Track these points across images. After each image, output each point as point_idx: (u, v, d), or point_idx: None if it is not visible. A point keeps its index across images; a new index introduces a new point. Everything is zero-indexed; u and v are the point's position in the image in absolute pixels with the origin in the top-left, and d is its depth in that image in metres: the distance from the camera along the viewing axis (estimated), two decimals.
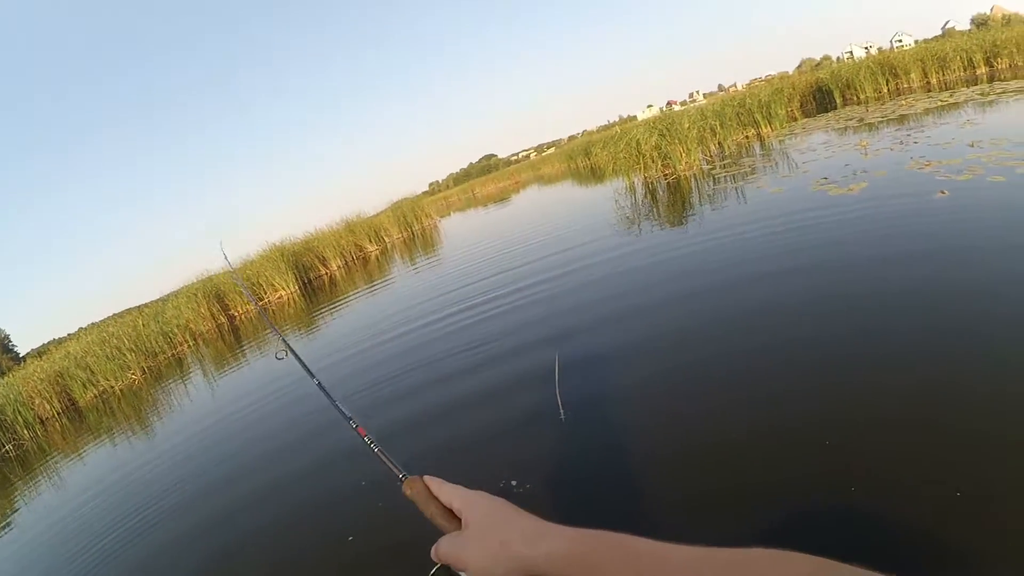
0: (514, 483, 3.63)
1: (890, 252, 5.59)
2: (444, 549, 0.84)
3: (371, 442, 1.20)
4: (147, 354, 16.97)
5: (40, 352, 23.20)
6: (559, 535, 0.75)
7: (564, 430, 4.16)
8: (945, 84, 22.65)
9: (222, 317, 20.55)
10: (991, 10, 77.57)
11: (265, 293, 21.33)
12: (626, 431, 4.00)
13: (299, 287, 21.86)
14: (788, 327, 4.68)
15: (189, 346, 18.35)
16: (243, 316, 20.59)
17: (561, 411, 4.37)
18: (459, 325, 7.90)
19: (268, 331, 15.01)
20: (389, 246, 27.65)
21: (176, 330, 18.60)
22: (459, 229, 26.12)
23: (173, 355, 17.60)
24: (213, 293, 20.70)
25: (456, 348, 6.85)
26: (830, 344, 4.22)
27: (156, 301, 23.94)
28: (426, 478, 0.97)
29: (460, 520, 0.87)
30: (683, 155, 16.88)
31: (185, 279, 24.37)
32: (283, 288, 21.42)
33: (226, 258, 3.21)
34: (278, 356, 1.98)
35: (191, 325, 19.24)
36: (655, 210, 12.30)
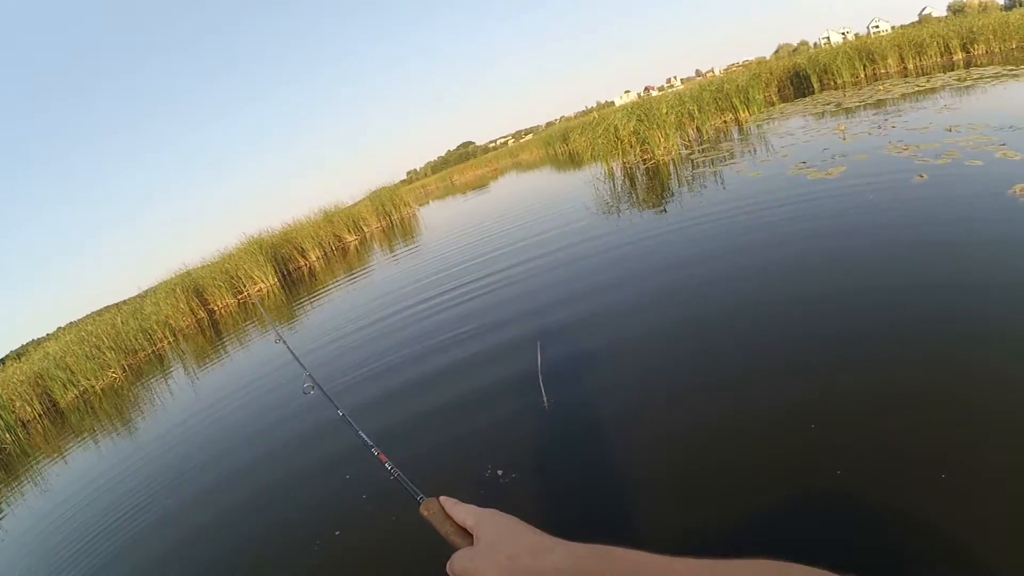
0: (500, 472, 3.62)
1: (869, 235, 5.64)
2: (457, 564, 0.85)
3: (391, 468, 1.25)
4: (127, 352, 16.77)
5: (19, 354, 22.95)
6: (565, 550, 0.75)
7: (548, 418, 4.18)
8: (922, 69, 22.75)
9: (202, 312, 20.35)
10: None
11: (244, 286, 21.22)
12: (610, 417, 4.01)
13: (278, 279, 21.73)
14: (771, 310, 4.72)
15: (169, 342, 18.16)
16: (223, 310, 20.45)
17: (544, 399, 4.37)
18: (438, 313, 7.92)
19: (249, 323, 14.99)
20: (368, 236, 27.53)
21: (155, 326, 18.36)
22: (438, 217, 26.10)
23: (153, 352, 17.45)
24: (192, 287, 20.50)
25: (437, 337, 6.86)
26: (812, 327, 4.25)
27: (135, 297, 23.72)
28: (442, 499, 0.99)
29: (473, 537, 0.89)
30: (661, 140, 16.89)
31: (164, 274, 24.25)
32: (262, 281, 21.29)
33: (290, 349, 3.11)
34: (305, 391, 2.05)
35: (171, 321, 19.00)
36: (634, 195, 12.32)
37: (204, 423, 7.32)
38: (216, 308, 20.78)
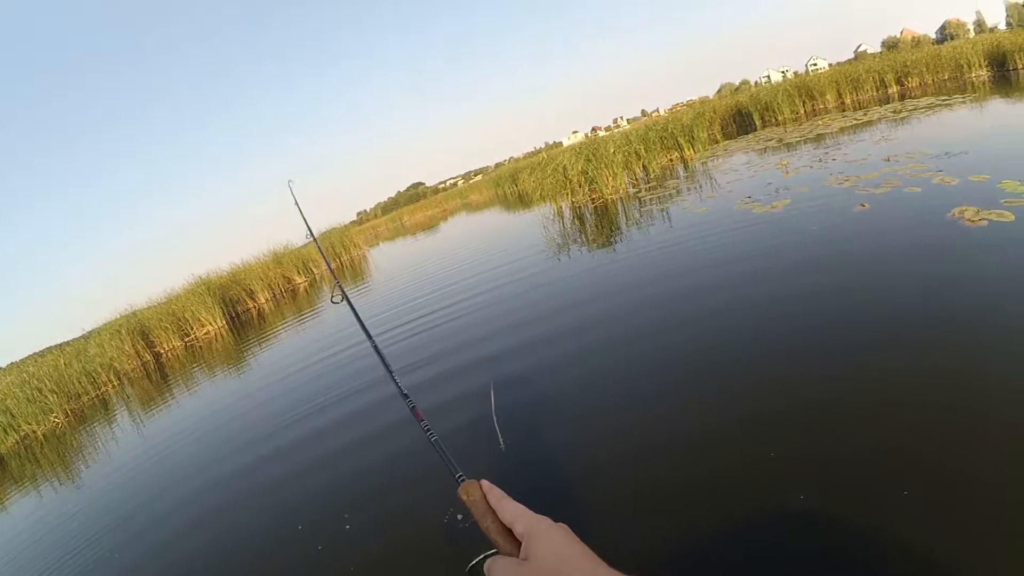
0: (459, 517, 3.52)
1: (816, 263, 5.78)
2: (499, 575, 0.81)
3: (427, 429, 1.26)
4: (70, 396, 16.14)
5: None
6: None
7: (506, 460, 4.09)
8: (859, 104, 23.40)
9: (147, 355, 19.84)
10: (901, 33, 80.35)
11: (191, 329, 20.84)
12: (569, 454, 3.98)
13: (227, 321, 21.36)
14: (724, 336, 4.77)
15: (114, 386, 17.61)
16: (169, 353, 20.00)
17: (501, 440, 4.31)
18: (388, 353, 7.75)
19: (195, 367, 14.70)
20: (318, 277, 27.23)
21: (100, 369, 17.75)
22: (388, 259, 25.86)
23: (97, 396, 16.91)
24: (137, 329, 20.00)
25: (383, 380, 6.72)
26: (765, 354, 4.30)
27: (79, 339, 23.14)
28: (484, 484, 0.95)
29: (518, 542, 0.84)
30: (609, 179, 17.04)
31: (109, 314, 23.72)
32: (210, 323, 20.90)
33: (296, 204, 3.00)
34: (333, 300, 2.07)
35: (115, 363, 18.40)
36: (583, 234, 12.34)
37: (148, 473, 7.08)
38: (162, 351, 20.29)
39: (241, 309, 23.31)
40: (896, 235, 5.83)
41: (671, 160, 21.64)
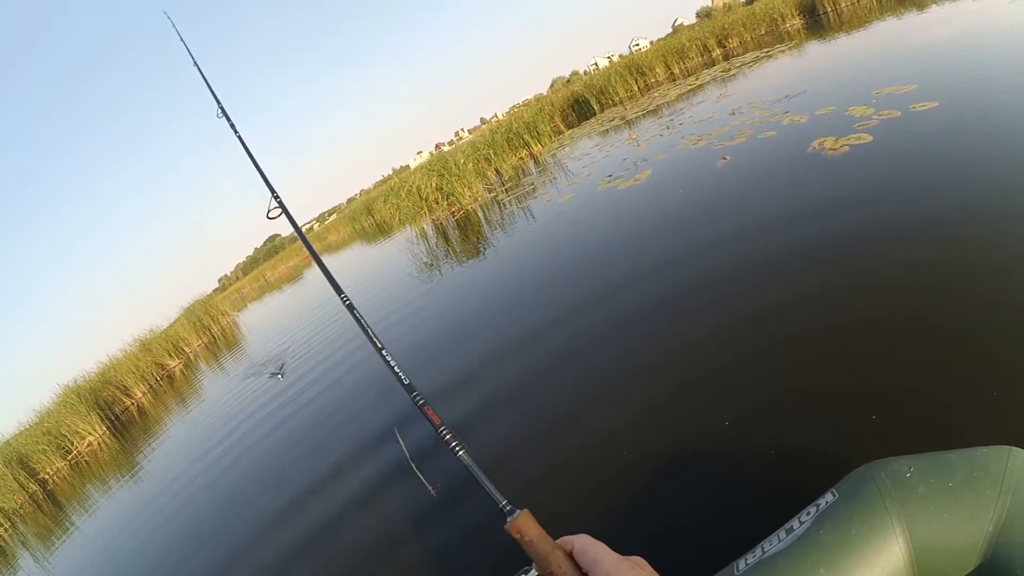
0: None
1: (696, 220, 5.81)
2: None
3: (458, 449, 1.09)
4: None
5: None
6: None
7: (442, 506, 3.66)
8: (688, 71, 24.42)
9: (32, 485, 18.14)
10: (712, 1, 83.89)
11: (72, 444, 19.38)
12: (502, 473, 3.64)
13: (107, 427, 19.93)
14: (627, 312, 4.72)
15: (6, 529, 16.21)
16: (55, 477, 18.47)
17: (429, 488, 3.90)
18: (285, 416, 7.33)
19: (87, 485, 13.73)
20: (192, 356, 26.00)
21: None
22: (260, 319, 25.22)
23: None
24: (15, 459, 18.35)
25: (297, 437, 6.32)
26: (671, 318, 4.29)
27: None
28: (521, 517, 0.80)
29: None
30: (465, 190, 16.94)
31: None
32: (90, 433, 19.39)
33: (236, 133, 2.56)
34: (269, 216, 1.80)
35: (2, 504, 16.93)
36: (450, 248, 12.11)
37: None
38: (47, 476, 18.66)
39: (119, 409, 21.81)
40: (766, 176, 5.94)
41: (521, 159, 21.75)
